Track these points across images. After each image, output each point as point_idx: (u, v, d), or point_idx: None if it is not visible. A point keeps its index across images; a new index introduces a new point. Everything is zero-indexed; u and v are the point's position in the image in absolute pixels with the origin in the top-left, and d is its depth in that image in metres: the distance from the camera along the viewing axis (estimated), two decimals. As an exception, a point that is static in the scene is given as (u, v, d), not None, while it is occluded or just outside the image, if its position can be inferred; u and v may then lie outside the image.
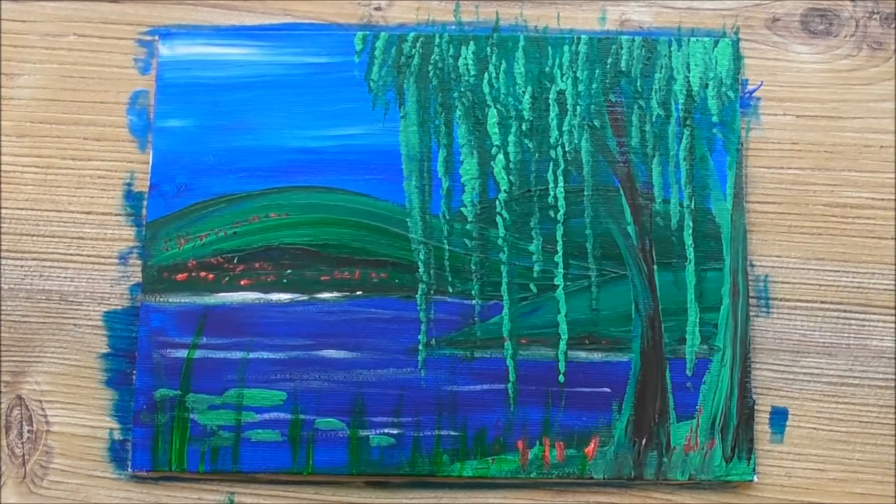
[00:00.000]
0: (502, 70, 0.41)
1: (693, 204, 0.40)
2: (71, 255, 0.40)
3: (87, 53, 0.42)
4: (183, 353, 0.39)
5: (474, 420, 0.38)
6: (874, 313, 0.39)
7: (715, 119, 0.41)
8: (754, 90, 0.41)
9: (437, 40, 0.41)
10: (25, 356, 0.39)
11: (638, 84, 0.41)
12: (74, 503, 0.38)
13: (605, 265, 0.39)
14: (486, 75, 0.41)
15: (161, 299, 0.39)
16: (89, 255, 0.40)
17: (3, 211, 0.40)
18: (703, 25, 0.42)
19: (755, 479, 0.38)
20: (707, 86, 0.41)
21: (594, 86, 0.41)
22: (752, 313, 0.39)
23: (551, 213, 0.40)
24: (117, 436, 0.39)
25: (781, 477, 0.38)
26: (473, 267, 0.39)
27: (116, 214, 0.40)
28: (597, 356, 0.39)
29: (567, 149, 0.40)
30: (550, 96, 0.41)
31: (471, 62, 0.41)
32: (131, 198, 0.41)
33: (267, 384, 0.38)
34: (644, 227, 0.40)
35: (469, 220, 0.40)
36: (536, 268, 0.39)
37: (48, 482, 0.38)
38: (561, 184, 0.40)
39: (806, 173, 0.41)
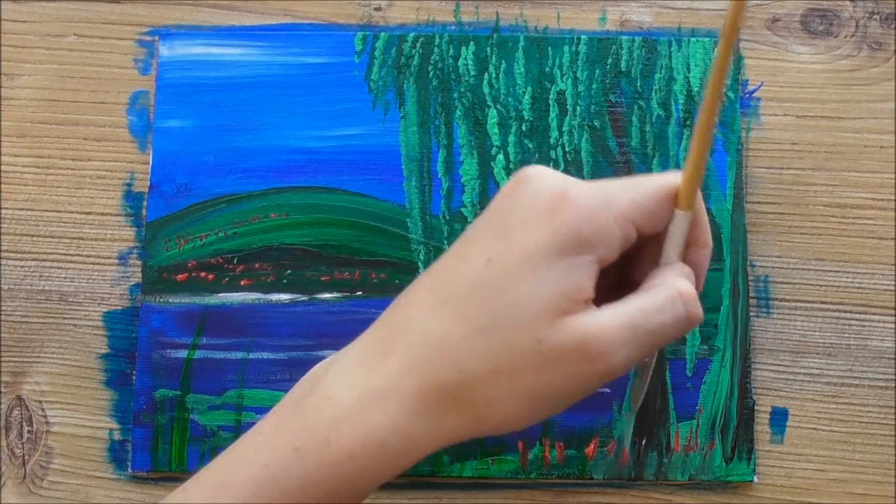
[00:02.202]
0: (502, 70, 0.41)
1: (693, 204, 0.40)
2: (71, 255, 0.40)
3: (87, 53, 0.42)
4: (183, 354, 0.39)
5: (474, 420, 0.38)
6: (874, 313, 0.39)
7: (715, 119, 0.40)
8: (754, 90, 0.41)
9: (437, 40, 0.41)
10: (25, 356, 0.39)
11: (638, 84, 0.41)
12: (74, 503, 0.38)
13: (605, 265, 0.39)
14: (486, 75, 0.41)
15: (161, 299, 0.39)
16: (89, 256, 0.40)
17: (3, 211, 0.40)
18: (703, 25, 0.42)
19: (755, 479, 0.38)
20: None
21: (594, 86, 0.41)
22: (752, 314, 0.39)
23: (551, 213, 0.40)
24: (117, 436, 0.39)
25: (781, 477, 0.38)
26: (473, 267, 0.39)
27: (116, 214, 0.40)
28: (597, 356, 0.39)
29: (567, 149, 0.40)
30: (550, 96, 0.41)
31: (471, 62, 0.41)
32: (131, 198, 0.41)
33: (267, 384, 0.38)
34: (644, 228, 0.40)
35: (469, 220, 0.40)
36: (536, 268, 0.39)
37: (48, 482, 0.38)
38: (561, 184, 0.40)
39: (806, 173, 0.41)
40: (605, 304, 0.27)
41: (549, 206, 0.27)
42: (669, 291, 0.27)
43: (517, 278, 0.26)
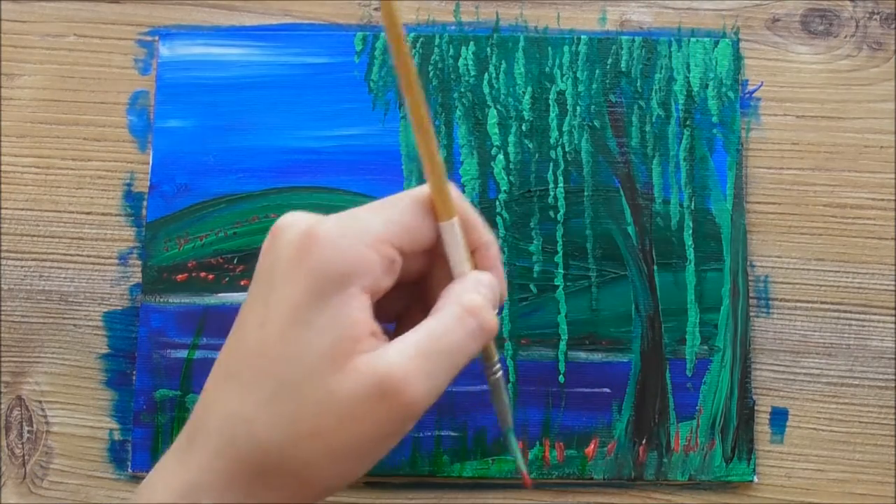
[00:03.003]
0: (502, 70, 0.41)
1: (693, 204, 0.40)
2: (71, 255, 0.40)
3: (87, 53, 0.42)
4: (183, 354, 0.39)
5: (474, 420, 0.38)
6: (874, 313, 0.39)
7: (715, 119, 0.41)
8: (754, 90, 0.41)
9: (437, 40, 0.41)
10: (25, 356, 0.39)
11: (638, 84, 0.41)
12: (74, 503, 0.38)
13: (605, 266, 0.39)
14: (486, 76, 0.41)
15: (161, 299, 0.39)
16: (89, 256, 0.40)
17: (3, 211, 0.40)
18: (703, 26, 0.42)
19: (755, 479, 0.38)
20: (707, 86, 0.41)
21: (594, 86, 0.41)
22: (752, 314, 0.39)
23: (551, 213, 0.40)
24: (117, 436, 0.39)
25: (781, 477, 0.38)
26: (473, 267, 0.39)
27: (116, 215, 0.40)
28: (597, 357, 0.39)
29: (567, 149, 0.40)
30: (550, 97, 0.41)
31: (471, 62, 0.41)
32: (131, 198, 0.41)
33: (267, 384, 0.38)
34: (644, 228, 0.40)
35: (469, 220, 0.40)
36: (536, 268, 0.39)
37: (48, 482, 0.38)
38: (561, 184, 0.40)
39: (806, 173, 0.41)
40: (397, 337, 0.26)
41: (299, 252, 0.26)
42: (456, 308, 0.26)
43: (291, 335, 0.25)
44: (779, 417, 0.39)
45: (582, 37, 0.41)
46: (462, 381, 0.38)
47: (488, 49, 0.41)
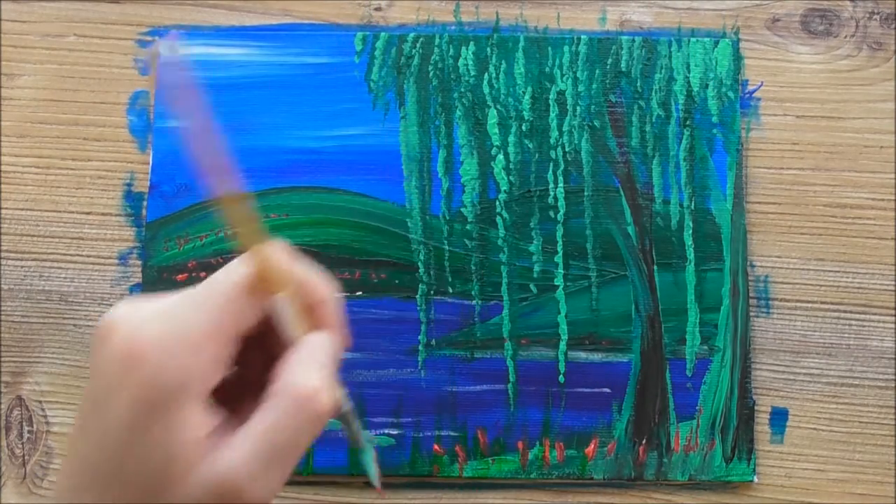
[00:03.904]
0: (502, 70, 0.41)
1: (693, 204, 0.40)
2: (71, 255, 0.40)
3: (87, 53, 0.42)
4: (183, 354, 0.39)
5: (474, 420, 0.38)
6: (874, 313, 0.39)
7: (715, 119, 0.41)
8: (754, 90, 0.41)
9: (437, 40, 0.41)
10: (25, 356, 0.39)
11: (638, 84, 0.41)
12: (74, 503, 0.38)
13: (605, 266, 0.39)
14: (486, 76, 0.41)
15: (161, 299, 0.39)
16: (89, 256, 0.40)
17: (3, 211, 0.40)
18: (703, 26, 0.42)
19: (755, 479, 0.38)
20: (707, 86, 0.41)
21: (594, 86, 0.41)
22: (752, 313, 0.39)
23: (551, 213, 0.40)
24: (117, 436, 0.39)
25: (781, 477, 0.38)
26: (473, 267, 0.39)
27: (116, 215, 0.40)
28: (597, 356, 0.39)
29: (567, 149, 0.40)
30: (550, 97, 0.41)
31: (471, 62, 0.41)
32: (131, 198, 0.41)
33: (267, 384, 0.38)
34: (644, 228, 0.40)
35: (469, 220, 0.40)
36: (536, 268, 0.39)
37: (48, 482, 0.38)
38: (561, 184, 0.40)
39: (806, 173, 0.41)
40: (235, 433, 0.25)
41: (124, 370, 0.25)
42: (291, 393, 0.26)
43: (127, 459, 0.25)
44: (779, 417, 0.39)
45: (582, 37, 0.41)
46: (462, 380, 0.38)
47: (488, 49, 0.41)
